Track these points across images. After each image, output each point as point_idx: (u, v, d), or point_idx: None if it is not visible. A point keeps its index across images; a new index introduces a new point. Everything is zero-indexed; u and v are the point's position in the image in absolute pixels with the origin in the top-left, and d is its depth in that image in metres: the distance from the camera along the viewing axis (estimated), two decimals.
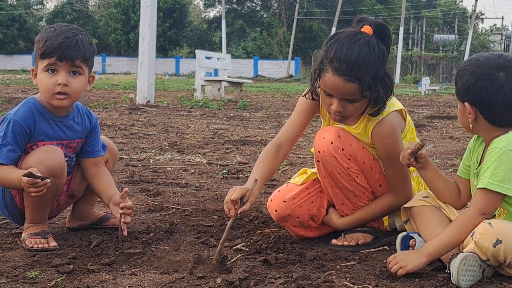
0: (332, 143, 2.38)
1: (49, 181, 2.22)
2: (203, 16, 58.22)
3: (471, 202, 2.16)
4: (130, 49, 45.34)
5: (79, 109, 2.56)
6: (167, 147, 5.60)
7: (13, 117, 2.34)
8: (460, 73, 2.15)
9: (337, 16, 34.21)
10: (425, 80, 23.56)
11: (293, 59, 40.36)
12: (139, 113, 9.33)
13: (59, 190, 2.44)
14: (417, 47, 51.37)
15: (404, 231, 2.37)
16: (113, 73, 38.22)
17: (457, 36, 49.88)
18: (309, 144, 6.06)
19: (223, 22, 32.25)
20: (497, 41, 50.04)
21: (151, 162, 4.71)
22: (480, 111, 2.11)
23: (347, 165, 2.40)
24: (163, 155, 5.07)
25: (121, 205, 2.39)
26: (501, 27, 56.88)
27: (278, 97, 16.62)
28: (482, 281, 2.04)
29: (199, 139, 6.33)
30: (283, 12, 48.87)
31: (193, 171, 4.35)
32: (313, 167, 2.61)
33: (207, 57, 14.77)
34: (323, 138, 2.41)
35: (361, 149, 2.42)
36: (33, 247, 2.35)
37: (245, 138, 6.57)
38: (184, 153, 5.23)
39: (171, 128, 7.35)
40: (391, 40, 2.37)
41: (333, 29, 31.63)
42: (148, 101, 10.88)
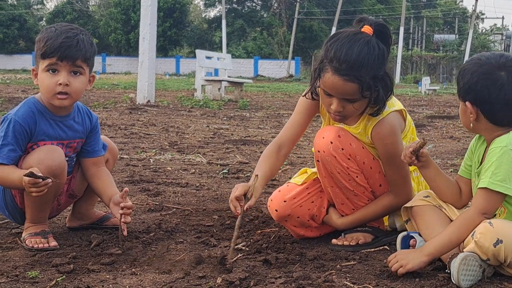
0: (331, 142, 2.39)
1: (50, 181, 2.22)
2: (203, 16, 58.23)
3: (472, 201, 2.16)
4: (130, 49, 45.36)
5: (79, 108, 2.55)
6: (168, 147, 5.60)
7: (14, 117, 2.34)
8: (461, 72, 2.15)
9: (337, 16, 34.21)
10: (425, 80, 23.56)
11: (293, 59, 40.36)
12: (139, 113, 9.33)
13: (59, 190, 2.44)
14: (417, 47, 51.35)
15: (404, 231, 2.38)
16: (113, 73, 38.23)
17: (457, 36, 49.85)
18: (309, 144, 6.05)
19: (223, 22, 32.25)
20: (497, 41, 49.99)
21: (151, 161, 4.71)
22: (481, 111, 2.11)
23: (347, 165, 2.40)
24: (163, 154, 5.07)
25: (121, 205, 2.39)
26: (501, 27, 56.84)
27: (278, 97, 16.61)
28: (482, 281, 2.04)
29: (200, 139, 6.33)
30: (283, 12, 48.86)
31: (193, 170, 4.35)
32: (313, 167, 2.61)
33: (208, 57, 14.77)
34: (323, 137, 2.41)
35: (360, 149, 2.42)
36: (33, 247, 2.35)
37: (245, 138, 6.57)
38: (184, 153, 5.23)
39: (171, 128, 7.35)
40: (391, 40, 2.37)
41: (333, 29, 31.63)
42: (148, 101, 10.88)
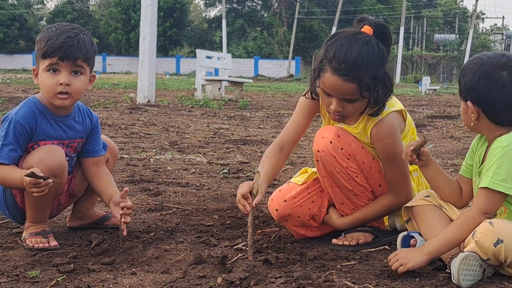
0: (331, 142, 2.39)
1: (51, 181, 2.22)
2: (203, 15, 58.22)
3: (473, 201, 2.16)
4: (130, 49, 45.38)
5: (80, 108, 2.55)
6: (168, 147, 5.60)
7: (14, 117, 2.34)
8: (463, 72, 2.15)
9: (337, 15, 34.21)
10: (425, 79, 23.55)
11: (293, 58, 40.36)
12: (139, 113, 9.34)
13: (60, 189, 2.44)
14: (417, 46, 51.35)
15: (404, 230, 2.38)
16: (114, 73, 38.27)
17: (457, 35, 49.85)
18: (309, 143, 6.05)
19: (224, 21, 32.25)
20: (497, 40, 49.99)
21: (152, 161, 4.71)
22: (482, 110, 2.10)
23: (346, 165, 2.40)
24: (163, 154, 5.07)
25: (121, 204, 2.39)
26: (501, 27, 56.83)
27: (278, 96, 16.62)
28: (482, 280, 2.04)
29: (200, 139, 6.33)
30: (284, 11, 48.86)
31: (194, 170, 4.35)
32: (313, 167, 2.61)
33: (208, 57, 14.78)
34: (323, 137, 2.41)
35: (360, 149, 2.42)
36: (33, 247, 2.35)
37: (245, 137, 6.57)
38: (184, 153, 5.23)
39: (171, 127, 7.35)
40: (392, 40, 2.36)
41: (334, 29, 31.63)
42: (148, 101, 10.88)
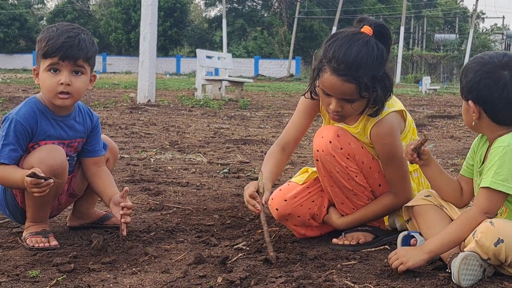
0: (330, 142, 2.39)
1: (52, 181, 2.22)
2: (203, 15, 58.21)
3: (473, 201, 2.16)
4: (130, 48, 45.39)
5: (80, 108, 2.55)
6: (168, 146, 5.60)
7: (15, 117, 2.34)
8: (464, 71, 2.14)
9: (338, 15, 34.20)
10: (425, 79, 23.53)
11: (294, 58, 40.34)
12: (140, 112, 9.34)
13: (60, 189, 2.45)
14: (418, 46, 51.33)
15: (404, 230, 2.37)
16: (114, 72, 38.28)
17: (458, 35, 49.82)
18: (309, 143, 6.05)
19: (224, 21, 32.23)
20: (498, 40, 49.96)
21: (152, 161, 4.71)
22: (483, 110, 2.10)
23: (346, 164, 2.40)
24: (164, 154, 5.07)
25: (122, 204, 2.39)
26: (502, 27, 56.79)
27: (278, 96, 16.62)
28: (483, 280, 2.04)
29: (200, 138, 6.34)
30: (284, 11, 48.86)
31: (194, 170, 4.35)
32: (314, 166, 2.61)
33: (208, 56, 14.78)
34: (322, 137, 2.41)
35: (360, 149, 2.43)
36: (34, 246, 2.35)
37: (246, 137, 6.57)
38: (185, 152, 5.23)
39: (172, 127, 7.35)
40: (391, 40, 2.36)
41: (334, 29, 31.62)
42: (149, 100, 10.88)
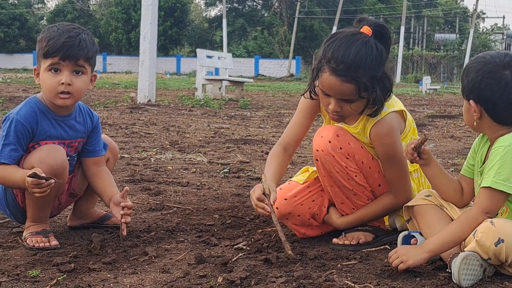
0: (330, 142, 2.39)
1: (53, 181, 2.22)
2: (204, 15, 58.21)
3: (474, 200, 2.16)
4: (131, 48, 45.39)
5: (81, 108, 2.55)
6: (168, 146, 5.60)
7: (16, 117, 2.34)
8: (466, 70, 2.14)
9: (338, 15, 34.18)
10: (426, 79, 23.51)
11: (294, 58, 40.34)
12: (140, 112, 9.34)
13: (61, 189, 2.45)
14: (418, 46, 51.30)
15: (404, 230, 2.37)
16: (114, 72, 38.28)
17: (458, 35, 49.80)
18: (310, 143, 6.05)
19: (224, 21, 32.23)
20: (498, 40, 49.95)
21: (152, 161, 4.71)
22: (484, 109, 2.10)
23: (345, 164, 2.40)
24: (164, 154, 5.07)
25: (122, 204, 2.39)
26: (502, 26, 56.77)
27: (279, 96, 16.62)
28: (483, 280, 2.04)
29: (200, 138, 6.34)
30: (284, 11, 48.85)
31: (194, 170, 4.35)
32: (314, 166, 2.61)
33: (208, 56, 14.77)
34: (322, 137, 2.41)
35: (359, 148, 2.43)
36: (34, 246, 2.35)
37: (246, 137, 6.57)
38: (185, 152, 5.23)
39: (172, 127, 7.35)
40: (391, 41, 2.36)
41: (334, 28, 31.62)
42: (149, 100, 10.88)
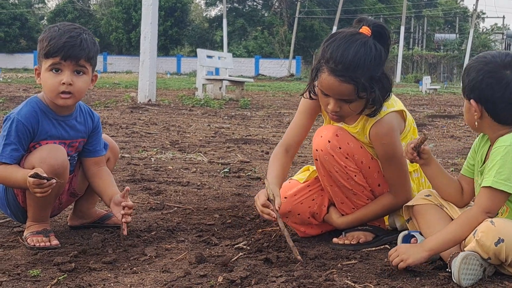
0: (329, 141, 2.39)
1: (54, 181, 2.23)
2: (204, 15, 58.19)
3: (475, 200, 2.16)
4: (131, 48, 45.38)
5: (81, 108, 2.56)
6: (169, 146, 5.60)
7: (17, 117, 2.34)
8: (467, 70, 2.14)
9: (338, 15, 34.18)
10: (426, 79, 23.50)
11: (294, 58, 40.34)
12: (140, 112, 9.34)
13: (61, 189, 2.45)
14: (418, 46, 51.29)
15: (404, 230, 2.38)
16: (115, 72, 38.28)
17: (458, 35, 49.79)
18: (310, 142, 6.01)
19: (224, 21, 32.23)
20: (498, 40, 49.94)
21: (153, 160, 4.71)
22: (485, 109, 2.10)
23: (345, 164, 2.40)
24: (164, 153, 5.07)
25: (123, 204, 2.39)
26: (502, 26, 56.75)
27: (279, 96, 16.61)
28: (483, 280, 2.04)
29: (201, 138, 6.34)
30: (284, 11, 48.84)
31: (195, 169, 4.36)
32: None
33: (209, 56, 14.77)
34: (321, 136, 2.42)
35: (359, 148, 2.43)
36: (35, 246, 2.36)
37: (246, 137, 6.58)
38: (185, 152, 5.23)
39: (172, 127, 7.35)
40: (390, 41, 2.36)
41: (334, 28, 31.61)
42: (149, 100, 10.89)
